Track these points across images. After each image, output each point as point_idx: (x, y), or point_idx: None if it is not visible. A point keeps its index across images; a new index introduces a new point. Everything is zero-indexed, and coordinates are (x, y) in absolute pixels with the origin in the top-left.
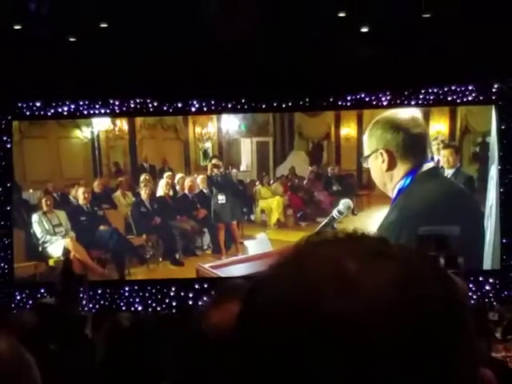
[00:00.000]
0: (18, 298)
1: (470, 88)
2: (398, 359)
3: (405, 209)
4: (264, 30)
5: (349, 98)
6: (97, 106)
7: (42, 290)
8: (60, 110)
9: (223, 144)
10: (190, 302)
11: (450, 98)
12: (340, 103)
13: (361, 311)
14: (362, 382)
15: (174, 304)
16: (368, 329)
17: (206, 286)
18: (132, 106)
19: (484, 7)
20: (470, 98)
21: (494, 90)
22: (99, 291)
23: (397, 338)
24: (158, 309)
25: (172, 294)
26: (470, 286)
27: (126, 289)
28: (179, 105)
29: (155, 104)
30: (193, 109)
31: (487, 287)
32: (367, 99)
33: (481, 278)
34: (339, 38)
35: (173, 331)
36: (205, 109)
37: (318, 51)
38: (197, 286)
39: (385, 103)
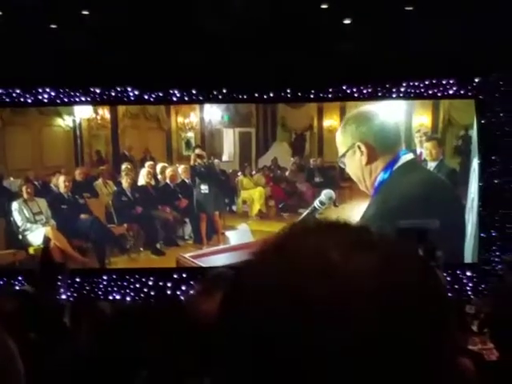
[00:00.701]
0: None
1: (451, 82)
2: (377, 345)
3: (385, 202)
4: (247, 20)
5: (331, 90)
6: (77, 94)
7: (21, 278)
8: (40, 97)
9: (206, 134)
10: (169, 292)
11: (431, 92)
12: (322, 95)
13: (343, 298)
14: (343, 364)
15: (152, 294)
16: (349, 315)
17: (184, 275)
18: (113, 94)
19: (465, 1)
20: (450, 92)
21: (474, 84)
22: (77, 280)
23: (376, 325)
24: (137, 298)
25: (151, 283)
26: (449, 279)
27: (105, 278)
28: (160, 94)
29: (136, 93)
30: (174, 98)
31: (465, 280)
32: (349, 91)
33: (458, 272)
34: (321, 29)
35: (154, 320)
36: (186, 98)
37: (301, 43)
38: (176, 276)
39: (366, 96)
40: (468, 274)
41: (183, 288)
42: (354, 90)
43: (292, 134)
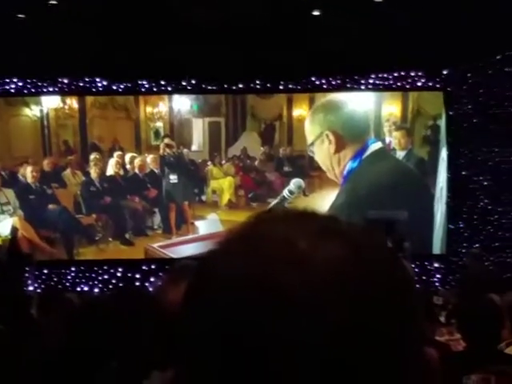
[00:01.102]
0: None
1: (419, 74)
2: (346, 334)
3: (354, 190)
4: (216, 11)
5: (300, 82)
6: (45, 85)
7: None
8: (7, 87)
9: (175, 124)
10: (138, 283)
11: (399, 84)
12: (291, 86)
13: (310, 286)
14: (312, 353)
15: (120, 285)
16: (317, 303)
17: (153, 267)
18: (81, 84)
19: None
20: (419, 84)
21: (442, 77)
22: (45, 271)
23: (344, 314)
24: (105, 290)
25: (119, 274)
26: (416, 270)
27: (73, 269)
28: (129, 85)
29: (104, 83)
30: (142, 89)
31: (433, 272)
32: (318, 83)
33: (426, 263)
34: (291, 21)
35: (122, 311)
36: (155, 89)
37: (270, 34)
38: (144, 267)
39: (335, 87)
40: (436, 265)
41: (152, 279)
42: (323, 81)
43: (261, 123)
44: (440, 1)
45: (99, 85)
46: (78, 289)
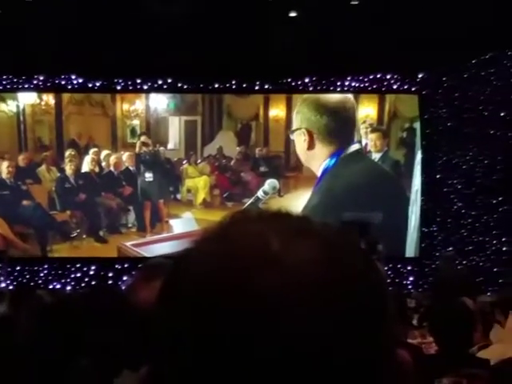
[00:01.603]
0: None
1: (395, 77)
2: (320, 335)
3: (328, 191)
4: (193, 11)
5: (276, 82)
6: (21, 81)
7: None
8: None
9: (151, 122)
10: (110, 282)
11: (375, 86)
12: (267, 87)
13: (283, 287)
14: (284, 354)
15: (93, 283)
16: (290, 304)
17: (126, 265)
18: (56, 82)
19: None
20: (394, 87)
21: (418, 80)
22: (18, 268)
23: (317, 314)
24: (77, 288)
25: (92, 272)
26: (390, 272)
27: (46, 266)
28: (105, 82)
29: (80, 81)
30: (118, 87)
31: (406, 274)
32: (293, 84)
33: (400, 265)
34: (267, 21)
35: (94, 309)
36: (130, 88)
37: (246, 35)
38: (118, 266)
39: (311, 88)
40: (409, 267)
41: (125, 278)
42: (299, 82)
43: (238, 123)
44: (415, 4)
45: (75, 82)
46: (51, 286)
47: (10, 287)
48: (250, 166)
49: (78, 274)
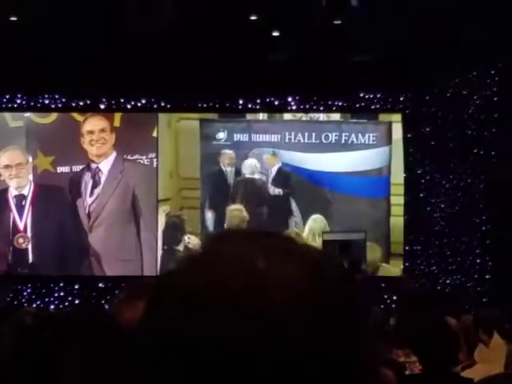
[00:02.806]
0: None
1: (378, 96)
2: (303, 352)
3: None
4: (174, 30)
5: (258, 101)
6: None
7: None
8: None
9: None
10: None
11: (358, 105)
12: (250, 106)
13: (267, 306)
14: (269, 371)
15: (76, 302)
16: (274, 325)
17: (110, 285)
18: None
19: (393, 16)
20: (377, 106)
21: (401, 99)
22: None
23: (299, 332)
24: (61, 306)
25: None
26: (373, 291)
27: (29, 285)
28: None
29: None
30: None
31: (389, 293)
32: (276, 103)
33: (383, 284)
34: (250, 40)
35: (76, 328)
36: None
37: (229, 53)
38: (101, 285)
39: (294, 107)
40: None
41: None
42: (282, 102)
43: None
44: (400, 23)
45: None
46: (34, 305)
47: None
48: None
49: (62, 293)
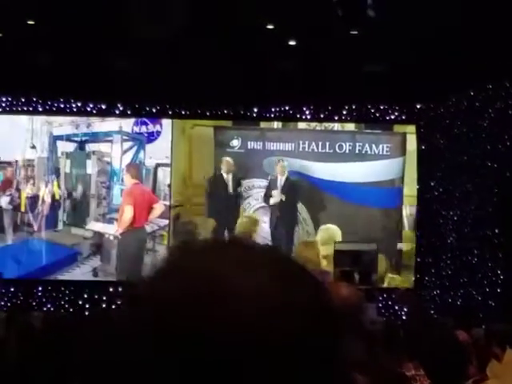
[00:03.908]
0: None
1: (392, 107)
2: (273, 362)
3: None
4: (190, 37)
5: (273, 110)
6: None
7: None
8: None
9: None
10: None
11: (372, 116)
12: (264, 114)
13: (235, 318)
14: (243, 379)
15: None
16: (243, 338)
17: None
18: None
19: (409, 27)
20: (392, 117)
21: (416, 111)
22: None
23: (269, 343)
24: (71, 310)
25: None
26: (383, 303)
27: (40, 288)
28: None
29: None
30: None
31: (400, 304)
32: (291, 112)
33: (393, 296)
34: (266, 49)
35: (86, 332)
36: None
37: (244, 61)
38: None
39: (308, 117)
40: None
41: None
42: (297, 110)
43: None
44: (414, 34)
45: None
46: (44, 308)
47: (4, 309)
48: None
49: (72, 297)
